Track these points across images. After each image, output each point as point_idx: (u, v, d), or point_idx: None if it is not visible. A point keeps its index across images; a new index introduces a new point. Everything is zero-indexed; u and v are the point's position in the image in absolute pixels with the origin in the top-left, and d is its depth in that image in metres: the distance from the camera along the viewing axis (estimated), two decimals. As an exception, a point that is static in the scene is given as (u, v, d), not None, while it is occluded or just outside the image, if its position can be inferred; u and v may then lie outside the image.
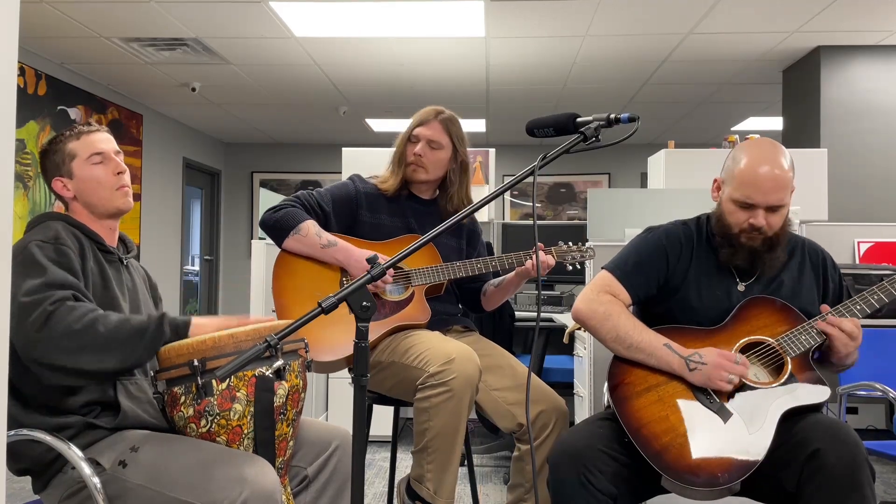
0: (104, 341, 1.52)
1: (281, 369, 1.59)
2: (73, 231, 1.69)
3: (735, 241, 1.82)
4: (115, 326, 1.55)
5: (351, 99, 6.77)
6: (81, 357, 1.51)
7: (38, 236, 1.63)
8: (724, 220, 1.84)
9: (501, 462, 3.92)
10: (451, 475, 1.93)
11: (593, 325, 1.85)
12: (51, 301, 1.50)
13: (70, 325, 1.50)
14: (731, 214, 1.82)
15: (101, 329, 1.53)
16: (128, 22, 4.70)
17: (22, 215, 5.24)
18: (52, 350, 1.49)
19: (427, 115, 2.24)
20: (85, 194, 1.75)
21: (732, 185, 1.82)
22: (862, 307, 1.78)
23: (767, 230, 1.79)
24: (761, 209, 1.78)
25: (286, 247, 2.15)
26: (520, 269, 2.15)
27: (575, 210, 8.84)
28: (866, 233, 3.91)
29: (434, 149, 2.21)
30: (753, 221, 1.78)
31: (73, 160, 1.74)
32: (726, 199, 1.84)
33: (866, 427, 4.08)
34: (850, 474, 1.52)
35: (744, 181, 1.79)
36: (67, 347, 1.50)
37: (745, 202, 1.79)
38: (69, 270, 1.60)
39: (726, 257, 1.85)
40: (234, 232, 9.18)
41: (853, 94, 5.02)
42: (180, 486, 1.49)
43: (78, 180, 1.74)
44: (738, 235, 1.81)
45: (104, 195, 1.75)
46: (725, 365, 1.70)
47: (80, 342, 1.50)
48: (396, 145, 2.28)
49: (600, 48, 5.17)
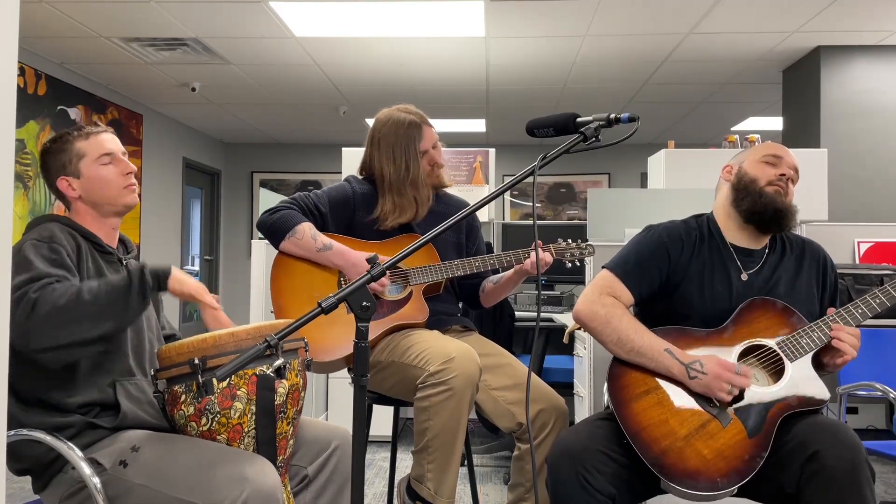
0: (94, 308, 1.53)
1: (281, 368, 1.59)
2: (70, 232, 1.70)
3: (763, 191, 1.87)
4: (99, 290, 1.56)
5: (351, 99, 6.77)
6: (77, 328, 1.51)
7: (34, 236, 1.64)
8: (751, 175, 1.90)
9: (501, 462, 3.92)
10: (451, 475, 1.93)
11: (594, 328, 1.84)
12: (34, 289, 1.51)
13: (55, 302, 1.50)
14: (758, 169, 1.90)
15: (87, 297, 1.53)
16: (128, 22, 4.70)
17: (22, 215, 5.24)
18: (46, 332, 1.49)
19: (424, 124, 2.23)
20: (92, 194, 1.75)
21: (752, 155, 1.93)
22: (864, 310, 1.77)
23: (789, 190, 1.88)
24: (787, 166, 1.89)
25: (282, 249, 2.15)
26: (518, 267, 2.15)
27: (575, 210, 8.84)
28: (866, 233, 3.91)
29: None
30: (783, 172, 1.88)
31: (81, 160, 1.74)
32: (749, 164, 1.92)
33: (866, 427, 4.08)
34: (849, 475, 1.51)
35: (765, 148, 1.93)
36: (59, 324, 1.50)
37: (772, 159, 1.90)
38: (60, 266, 1.61)
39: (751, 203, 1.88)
40: (234, 232, 9.18)
41: (853, 94, 5.02)
42: (181, 486, 1.49)
43: (86, 180, 1.75)
44: (766, 187, 1.87)
45: (112, 193, 1.76)
46: (725, 376, 1.69)
47: (69, 316, 1.51)
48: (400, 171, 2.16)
49: (600, 48, 5.17)
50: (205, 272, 8.74)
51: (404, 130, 2.19)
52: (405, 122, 2.20)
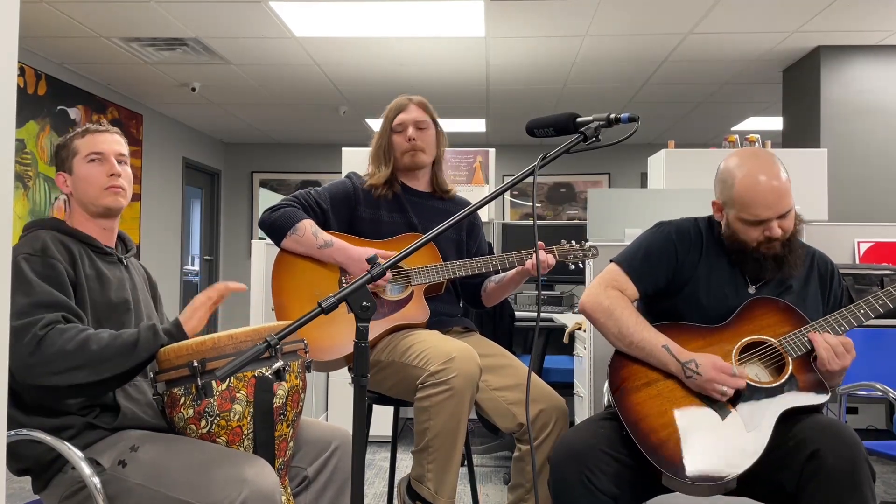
0: (98, 357, 1.54)
1: (280, 370, 1.59)
2: (62, 239, 1.68)
3: (755, 253, 1.81)
4: (108, 342, 1.56)
5: (351, 99, 6.77)
6: (78, 375, 1.53)
7: (26, 249, 1.62)
8: (738, 238, 1.82)
9: (501, 462, 3.92)
10: (451, 475, 1.93)
11: (596, 319, 1.86)
12: (40, 326, 1.52)
13: (62, 346, 1.51)
14: (743, 233, 1.81)
15: (94, 347, 1.54)
16: (128, 22, 4.70)
17: (22, 215, 5.24)
18: (47, 372, 1.52)
19: (402, 102, 2.29)
20: (78, 191, 1.76)
21: (736, 208, 1.79)
22: (866, 311, 1.77)
23: (783, 236, 1.78)
24: (773, 220, 1.77)
25: (284, 247, 2.15)
26: (520, 268, 2.15)
27: (575, 210, 8.84)
28: (866, 233, 3.91)
29: (422, 129, 2.25)
30: (769, 234, 1.77)
31: (74, 157, 1.76)
32: (734, 220, 1.82)
33: (866, 427, 4.08)
34: (849, 475, 1.52)
35: (747, 202, 1.76)
36: (61, 368, 1.52)
37: (755, 220, 1.77)
38: (58, 285, 1.60)
39: (752, 271, 1.84)
40: (234, 232, 9.18)
41: (853, 94, 5.02)
42: (180, 486, 1.49)
43: (75, 177, 1.76)
44: (757, 248, 1.80)
45: (93, 193, 1.75)
46: (719, 378, 1.70)
47: (73, 362, 1.52)
48: (375, 141, 2.30)
49: (600, 48, 5.17)
50: (205, 272, 8.73)
51: (392, 106, 2.30)
52: (397, 101, 2.31)
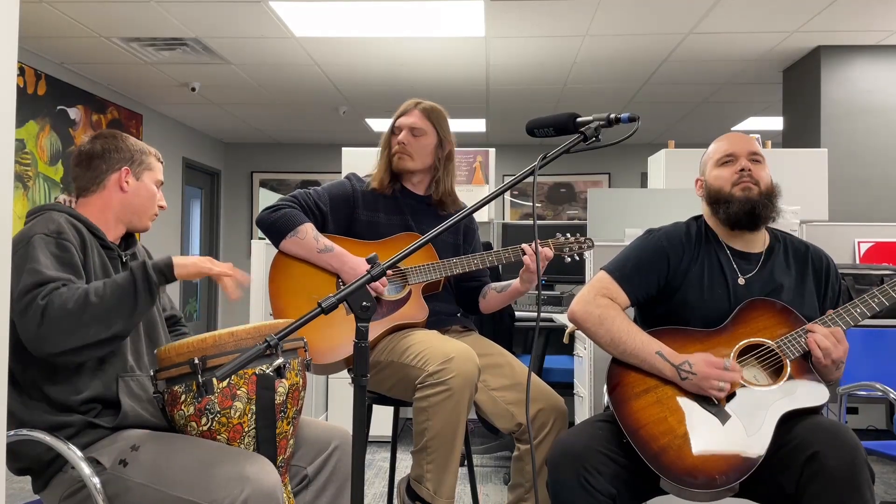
0: (102, 309, 1.55)
1: (281, 367, 1.59)
2: (75, 224, 1.70)
3: (731, 196, 1.87)
4: (105, 292, 1.58)
5: (351, 99, 6.77)
6: (89, 331, 1.54)
7: (41, 229, 1.63)
8: (715, 186, 1.92)
9: (501, 462, 3.92)
10: (450, 475, 1.93)
11: (588, 328, 1.85)
12: (41, 295, 1.53)
13: (63, 306, 1.52)
14: (718, 178, 1.91)
15: (94, 299, 1.55)
16: (128, 22, 4.70)
17: (21, 215, 5.24)
18: (59, 337, 1.52)
19: (407, 105, 2.30)
20: (133, 200, 1.82)
21: (710, 162, 1.95)
22: (862, 310, 1.77)
23: (757, 179, 1.86)
24: (743, 157, 1.88)
25: (283, 248, 2.15)
26: (524, 275, 2.15)
27: (575, 210, 8.84)
28: (866, 233, 3.91)
29: (417, 136, 2.24)
30: (740, 167, 1.87)
31: (147, 171, 1.86)
32: (710, 175, 1.94)
33: (866, 427, 4.08)
34: (849, 476, 1.51)
35: (716, 148, 1.95)
36: (70, 328, 1.53)
37: (725, 158, 1.91)
38: (69, 265, 1.62)
39: (726, 215, 1.89)
40: (233, 232, 9.18)
41: (853, 94, 5.02)
42: (181, 485, 1.49)
43: (139, 185, 1.84)
44: (732, 191, 1.87)
45: (143, 211, 1.85)
46: (714, 374, 1.70)
47: (79, 319, 1.53)
48: (382, 140, 2.33)
49: (600, 48, 5.17)
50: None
51: (401, 107, 2.33)
52: (406, 103, 2.33)
